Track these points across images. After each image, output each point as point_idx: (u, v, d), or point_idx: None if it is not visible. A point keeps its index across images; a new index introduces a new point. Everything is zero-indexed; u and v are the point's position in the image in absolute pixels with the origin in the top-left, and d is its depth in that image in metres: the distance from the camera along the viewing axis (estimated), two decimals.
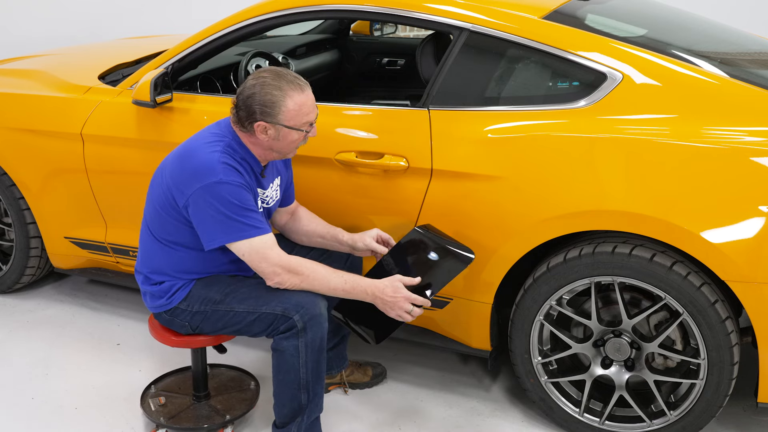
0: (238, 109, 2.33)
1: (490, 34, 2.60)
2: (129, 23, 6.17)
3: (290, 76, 2.32)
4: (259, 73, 2.34)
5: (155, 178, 2.45)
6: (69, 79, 3.40)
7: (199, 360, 2.68)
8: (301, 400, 2.38)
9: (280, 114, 2.29)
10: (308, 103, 2.33)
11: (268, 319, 2.33)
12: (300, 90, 2.31)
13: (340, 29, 4.56)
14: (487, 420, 2.77)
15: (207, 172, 2.25)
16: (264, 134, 2.32)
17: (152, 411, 2.68)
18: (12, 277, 3.61)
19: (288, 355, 2.32)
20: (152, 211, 2.43)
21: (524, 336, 2.59)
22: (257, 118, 2.30)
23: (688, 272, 2.32)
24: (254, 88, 2.30)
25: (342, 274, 2.35)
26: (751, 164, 2.24)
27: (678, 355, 2.44)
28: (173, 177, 2.33)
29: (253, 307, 2.35)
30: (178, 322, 2.46)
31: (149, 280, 2.49)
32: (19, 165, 3.34)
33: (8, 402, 2.88)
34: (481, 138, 2.52)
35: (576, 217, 2.40)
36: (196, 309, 2.42)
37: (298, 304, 2.30)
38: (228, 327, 2.42)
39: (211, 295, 2.42)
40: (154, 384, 2.84)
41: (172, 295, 2.44)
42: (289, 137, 2.34)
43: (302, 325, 2.29)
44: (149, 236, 2.47)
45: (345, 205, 2.75)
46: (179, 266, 2.44)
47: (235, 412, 2.70)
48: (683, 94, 2.40)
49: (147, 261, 2.49)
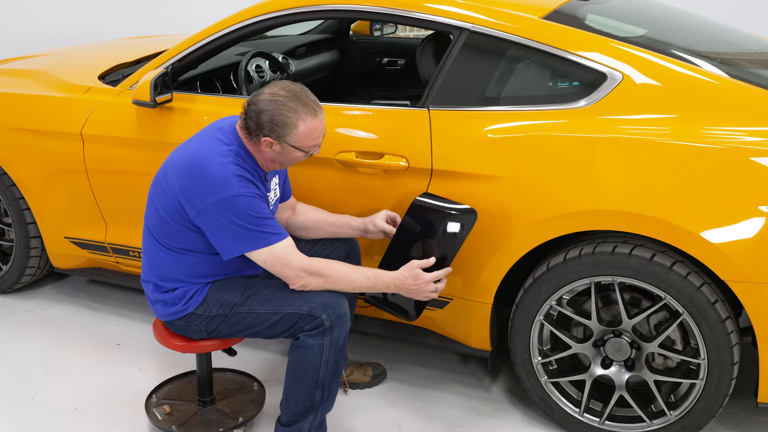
0: (248, 118, 2.30)
1: (490, 34, 2.60)
2: (129, 23, 6.17)
3: (307, 99, 2.29)
4: (276, 88, 2.30)
5: (157, 184, 2.40)
6: (69, 79, 3.40)
7: (205, 365, 2.66)
8: (315, 398, 2.37)
9: (290, 135, 2.28)
10: (319, 127, 2.32)
11: (293, 319, 2.33)
12: (314, 115, 2.29)
13: (340, 29, 4.56)
14: (487, 420, 2.77)
15: (222, 185, 2.23)
16: (268, 148, 2.31)
17: (160, 420, 2.65)
18: (12, 277, 3.61)
19: (311, 352, 2.31)
20: (156, 218, 2.39)
21: (524, 336, 2.59)
22: (265, 133, 2.28)
23: (688, 272, 2.32)
24: (269, 104, 2.26)
25: (363, 271, 2.37)
26: (751, 164, 2.24)
27: (678, 355, 2.44)
28: (182, 188, 2.29)
29: (277, 308, 2.35)
30: (194, 327, 2.44)
31: (160, 288, 2.45)
32: (19, 165, 3.34)
33: (8, 402, 2.88)
34: (481, 138, 2.52)
35: (576, 217, 2.40)
36: (214, 313, 2.40)
37: (325, 303, 2.31)
38: (248, 329, 2.41)
39: (229, 298, 2.40)
40: (154, 393, 2.81)
41: (188, 301, 2.41)
42: (293, 155, 2.34)
43: (329, 324, 2.30)
44: (155, 244, 2.43)
45: (345, 205, 2.74)
46: (191, 271, 2.41)
47: (246, 413, 2.69)
48: (683, 94, 2.40)
49: (155, 269, 2.45)
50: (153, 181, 2.44)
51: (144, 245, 2.49)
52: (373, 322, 2.89)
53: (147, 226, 2.46)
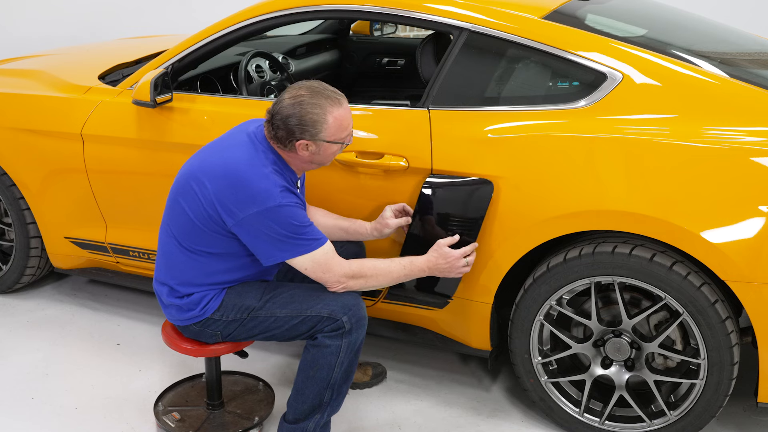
0: (276, 128, 2.29)
1: (490, 34, 2.60)
2: (129, 23, 6.17)
3: (328, 91, 2.31)
4: (295, 90, 2.30)
5: (188, 190, 2.34)
6: (69, 79, 3.40)
7: (213, 368, 2.64)
8: (324, 398, 2.37)
9: (322, 132, 2.28)
10: (347, 115, 2.33)
11: (313, 321, 2.33)
12: (339, 104, 2.30)
13: (340, 29, 4.56)
14: (487, 420, 2.77)
15: (266, 196, 2.23)
16: (305, 151, 2.31)
17: (173, 428, 2.63)
18: (12, 277, 3.61)
19: (328, 352, 2.31)
20: (184, 221, 2.36)
21: (524, 336, 2.59)
22: (298, 137, 2.28)
23: (688, 272, 2.32)
24: (293, 108, 2.26)
25: (398, 260, 2.41)
26: (751, 164, 2.24)
27: (678, 355, 2.44)
28: (220, 196, 2.27)
29: (297, 311, 2.34)
30: (209, 332, 2.44)
31: (175, 293, 2.43)
32: (19, 165, 3.34)
33: (8, 402, 2.88)
34: (481, 138, 2.52)
35: (576, 217, 2.40)
36: (231, 318, 2.40)
37: (345, 306, 2.31)
38: (266, 332, 2.40)
39: (247, 303, 2.39)
40: (159, 401, 2.78)
41: (205, 306, 2.40)
42: (330, 150, 2.34)
43: (350, 326, 2.30)
44: (176, 246, 2.40)
45: (345, 205, 2.74)
46: (210, 275, 2.40)
47: (260, 413, 2.68)
48: (683, 94, 2.40)
49: (173, 272, 2.43)
50: (177, 183, 2.40)
51: (162, 247, 2.46)
52: (373, 321, 2.89)
53: (168, 227, 2.43)
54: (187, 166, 2.40)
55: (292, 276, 2.60)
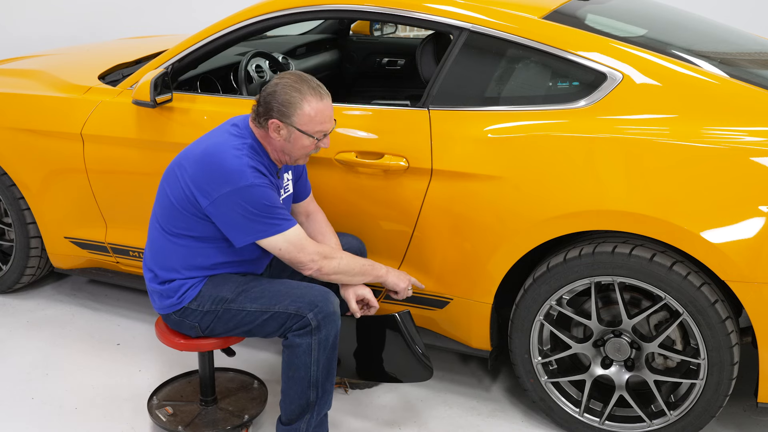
0: (258, 104, 2.36)
1: (490, 34, 2.60)
2: (129, 23, 6.17)
3: (313, 83, 2.35)
4: (284, 74, 2.37)
5: (171, 175, 2.42)
6: (69, 79, 3.40)
7: (207, 364, 2.66)
8: (310, 398, 2.38)
9: (295, 116, 2.31)
10: (325, 112, 2.35)
11: (281, 318, 2.34)
12: (319, 98, 2.33)
13: (340, 29, 4.56)
14: (487, 420, 2.77)
15: (237, 176, 2.26)
16: (276, 133, 2.34)
17: (165, 422, 2.65)
18: (12, 277, 3.61)
19: (300, 352, 2.32)
20: (167, 205, 2.41)
21: (524, 336, 2.59)
22: (273, 115, 2.32)
23: (688, 272, 2.32)
24: (276, 86, 2.33)
25: (366, 258, 2.54)
26: (751, 164, 2.24)
27: (678, 355, 2.44)
28: (195, 178, 2.32)
29: (266, 306, 2.36)
30: (188, 323, 2.45)
31: (157, 278, 2.47)
32: (19, 165, 3.34)
33: (8, 402, 2.88)
34: (481, 138, 2.52)
35: (576, 217, 2.40)
36: (206, 309, 2.42)
37: (312, 303, 2.32)
38: (240, 327, 2.42)
39: (222, 295, 2.41)
40: (154, 395, 2.80)
41: (183, 294, 2.43)
42: (300, 142, 2.35)
43: (316, 323, 2.31)
44: (159, 231, 2.46)
45: (345, 205, 2.75)
46: (191, 261, 2.43)
47: (251, 411, 2.69)
48: (683, 94, 2.40)
49: (157, 257, 2.47)
50: (165, 171, 2.47)
51: (149, 234, 2.52)
52: None
53: (154, 214, 2.49)
54: (176, 156, 2.46)
55: (290, 274, 2.60)
